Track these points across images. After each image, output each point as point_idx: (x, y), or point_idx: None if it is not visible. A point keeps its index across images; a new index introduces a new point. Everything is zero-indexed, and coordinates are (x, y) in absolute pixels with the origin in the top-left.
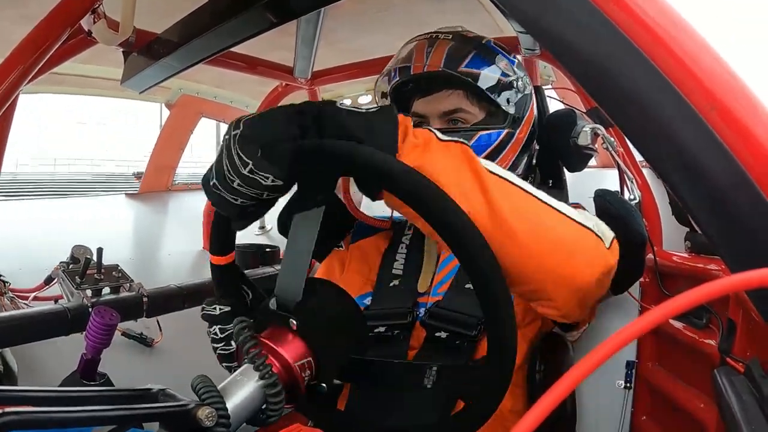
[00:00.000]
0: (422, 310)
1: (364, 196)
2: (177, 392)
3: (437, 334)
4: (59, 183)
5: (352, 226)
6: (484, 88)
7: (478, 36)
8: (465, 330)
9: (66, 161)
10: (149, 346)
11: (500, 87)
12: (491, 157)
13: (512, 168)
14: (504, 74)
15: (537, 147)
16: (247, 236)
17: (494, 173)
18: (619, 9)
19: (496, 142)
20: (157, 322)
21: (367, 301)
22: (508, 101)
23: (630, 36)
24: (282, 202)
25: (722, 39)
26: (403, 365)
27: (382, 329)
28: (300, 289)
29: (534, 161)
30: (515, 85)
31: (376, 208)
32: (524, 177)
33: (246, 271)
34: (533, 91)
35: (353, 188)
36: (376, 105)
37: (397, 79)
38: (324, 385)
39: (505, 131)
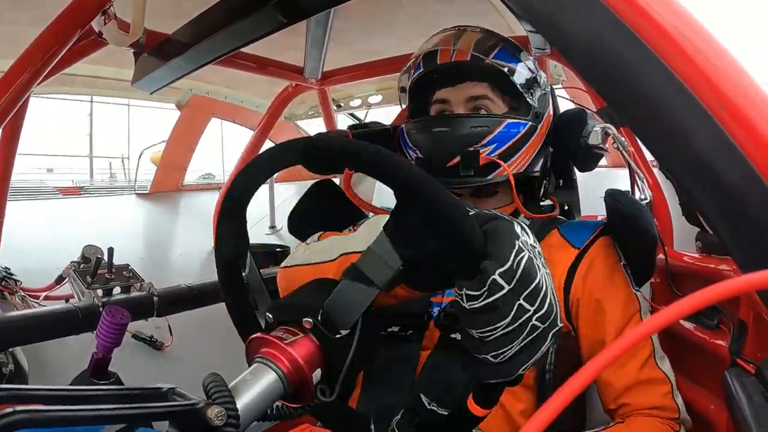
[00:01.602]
0: (436, 310)
1: (374, 192)
2: (187, 391)
3: (452, 336)
4: None
5: (359, 220)
6: (515, 79)
7: (500, 34)
8: None
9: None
10: (159, 350)
11: (527, 81)
12: (515, 147)
13: (531, 165)
14: (529, 70)
15: (551, 150)
16: (257, 236)
17: None
18: (630, 8)
19: (521, 133)
20: (168, 325)
21: None
22: (532, 95)
23: (641, 35)
24: (292, 203)
25: (714, 30)
26: None
27: (395, 329)
28: (351, 323)
29: (549, 164)
30: (538, 81)
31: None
32: (541, 178)
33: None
34: (550, 92)
35: (362, 185)
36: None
37: (421, 70)
38: (329, 391)
39: (530, 124)
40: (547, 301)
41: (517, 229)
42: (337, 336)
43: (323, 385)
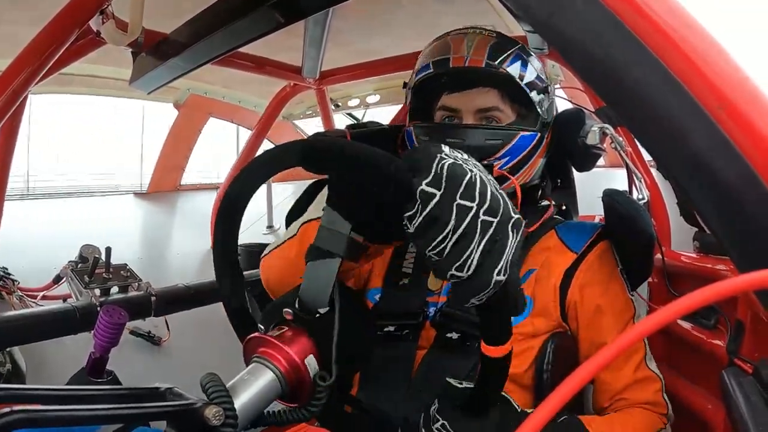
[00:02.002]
0: (432, 310)
1: None
2: (184, 390)
3: (448, 335)
4: None
5: None
6: (528, 89)
7: (513, 37)
8: (476, 331)
9: None
10: (157, 345)
11: (539, 90)
12: (524, 160)
13: (535, 174)
14: (540, 78)
15: (549, 153)
16: (255, 236)
17: None
18: (628, 8)
19: (531, 145)
20: (165, 321)
21: (378, 296)
22: (542, 105)
23: (639, 35)
24: (289, 202)
25: (712, 29)
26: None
27: (391, 328)
28: (326, 299)
29: (547, 167)
30: (548, 90)
31: None
32: (540, 181)
33: (252, 271)
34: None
35: None
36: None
37: (430, 71)
38: (328, 375)
39: (538, 135)
40: (489, 193)
41: (444, 148)
42: (318, 315)
43: (321, 372)
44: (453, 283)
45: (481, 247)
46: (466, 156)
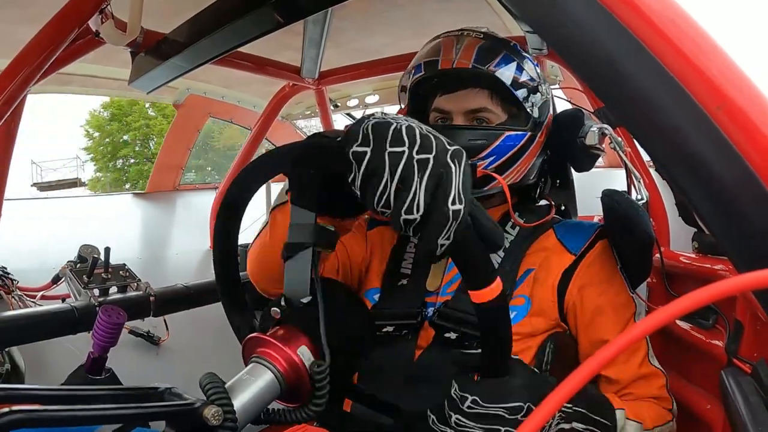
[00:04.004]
0: (431, 310)
1: None
2: (183, 390)
3: (446, 335)
4: None
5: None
6: (513, 89)
7: (504, 38)
8: (474, 331)
9: None
10: (156, 345)
11: (528, 90)
12: (512, 159)
13: (527, 175)
14: (531, 78)
15: (548, 153)
16: (254, 235)
17: None
18: (626, 8)
19: (520, 145)
20: (164, 321)
21: (376, 296)
22: (533, 105)
23: (637, 35)
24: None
25: (712, 30)
26: None
27: (390, 329)
28: (306, 288)
29: (546, 166)
30: (540, 89)
31: None
32: (537, 181)
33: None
34: (552, 97)
35: None
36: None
37: (422, 73)
38: (323, 361)
39: (528, 134)
40: (417, 135)
41: (377, 114)
42: (302, 305)
43: (317, 361)
44: (414, 230)
45: (424, 183)
46: (402, 117)
